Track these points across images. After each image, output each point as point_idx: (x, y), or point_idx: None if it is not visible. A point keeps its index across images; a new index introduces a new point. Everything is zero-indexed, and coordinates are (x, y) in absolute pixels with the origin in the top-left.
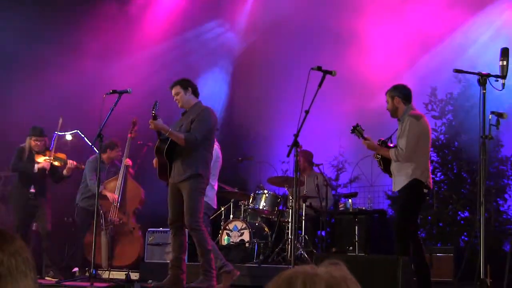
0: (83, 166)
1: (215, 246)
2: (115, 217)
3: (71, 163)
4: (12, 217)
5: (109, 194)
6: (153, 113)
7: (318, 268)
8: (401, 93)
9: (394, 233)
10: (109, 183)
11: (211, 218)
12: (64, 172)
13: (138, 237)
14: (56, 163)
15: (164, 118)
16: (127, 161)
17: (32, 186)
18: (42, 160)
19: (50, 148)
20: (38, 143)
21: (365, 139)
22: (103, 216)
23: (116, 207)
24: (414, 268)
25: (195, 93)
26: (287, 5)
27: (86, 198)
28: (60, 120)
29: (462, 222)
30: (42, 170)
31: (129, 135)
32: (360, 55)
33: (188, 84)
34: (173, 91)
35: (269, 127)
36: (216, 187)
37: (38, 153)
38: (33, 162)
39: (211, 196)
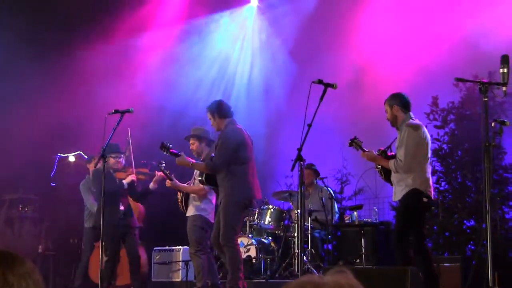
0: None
1: (213, 263)
2: None
3: (159, 175)
4: (18, 240)
5: None
6: (173, 154)
7: (324, 277)
8: (400, 101)
9: (393, 242)
10: None
11: None
12: (151, 185)
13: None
14: (140, 177)
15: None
16: None
17: (121, 204)
18: (124, 177)
19: (125, 164)
20: (119, 159)
21: (364, 151)
22: None
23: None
24: (423, 278)
25: (221, 114)
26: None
27: (91, 217)
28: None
29: (468, 231)
30: (131, 184)
31: (125, 154)
32: (361, 65)
33: (214, 109)
34: (208, 117)
35: (272, 141)
36: (214, 201)
37: (118, 171)
38: (118, 179)
39: (209, 210)
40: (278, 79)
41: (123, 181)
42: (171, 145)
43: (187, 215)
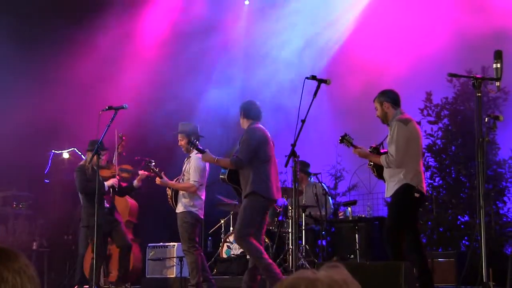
0: (152, 174)
1: (203, 258)
2: None
3: (142, 173)
4: (13, 237)
5: None
6: (199, 150)
7: (318, 272)
8: (389, 97)
9: (385, 238)
10: None
11: (210, 231)
12: (135, 183)
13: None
14: (124, 175)
15: None
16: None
17: (105, 202)
18: (108, 175)
19: (113, 162)
20: (102, 157)
21: (355, 147)
22: None
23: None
24: (417, 273)
25: (246, 115)
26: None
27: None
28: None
29: (462, 226)
30: (112, 187)
31: (118, 150)
32: (353, 61)
33: (242, 107)
34: None
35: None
36: (203, 197)
37: (102, 167)
38: (101, 180)
39: (198, 206)
40: (271, 76)
41: (105, 183)
42: (197, 142)
43: (176, 211)
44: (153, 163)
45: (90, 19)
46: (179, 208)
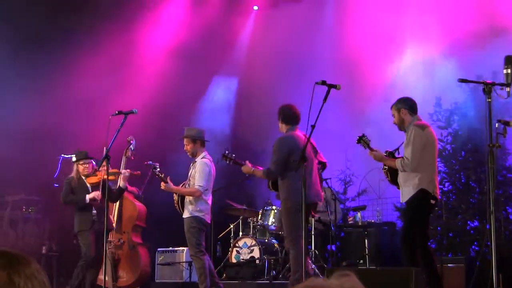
0: (139, 172)
1: (211, 264)
2: (112, 237)
3: (124, 172)
4: (22, 241)
5: None
6: (237, 163)
7: (329, 280)
8: (407, 104)
9: (400, 244)
10: None
11: (219, 236)
12: (121, 183)
13: (139, 254)
14: (111, 178)
15: None
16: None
17: (93, 208)
18: (95, 181)
19: (99, 168)
20: (86, 165)
21: (371, 149)
22: None
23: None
24: (426, 279)
25: (283, 119)
26: (288, 23)
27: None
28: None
29: (472, 232)
30: (93, 200)
31: (126, 154)
32: (361, 66)
33: (279, 112)
34: None
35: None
36: (210, 202)
37: (88, 176)
38: (85, 191)
39: (205, 211)
40: (278, 80)
41: (87, 196)
42: (233, 155)
43: (183, 217)
44: (158, 169)
45: (97, 24)
46: (186, 214)
